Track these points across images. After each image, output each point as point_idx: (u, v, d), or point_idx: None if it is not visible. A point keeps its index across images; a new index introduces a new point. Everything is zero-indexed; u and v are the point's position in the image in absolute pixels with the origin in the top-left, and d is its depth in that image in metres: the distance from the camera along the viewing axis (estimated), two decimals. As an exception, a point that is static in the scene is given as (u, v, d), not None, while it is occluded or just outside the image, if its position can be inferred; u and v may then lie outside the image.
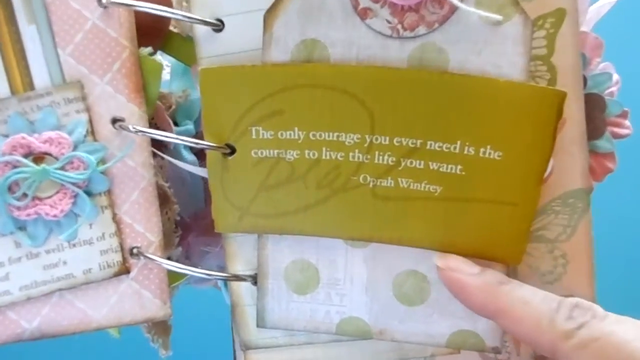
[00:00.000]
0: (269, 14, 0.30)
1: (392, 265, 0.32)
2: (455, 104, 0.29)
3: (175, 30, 0.35)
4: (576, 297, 0.30)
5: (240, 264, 0.34)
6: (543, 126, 0.29)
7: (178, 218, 0.35)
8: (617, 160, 0.36)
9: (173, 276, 0.35)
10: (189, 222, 0.38)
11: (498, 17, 0.29)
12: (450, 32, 0.30)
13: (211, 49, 0.31)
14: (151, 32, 0.33)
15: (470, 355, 0.34)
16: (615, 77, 0.35)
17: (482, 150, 0.30)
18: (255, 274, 0.33)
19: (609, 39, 0.34)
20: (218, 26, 0.31)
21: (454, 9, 0.29)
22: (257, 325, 0.33)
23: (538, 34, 0.30)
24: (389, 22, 0.30)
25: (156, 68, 0.32)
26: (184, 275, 0.35)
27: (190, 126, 0.37)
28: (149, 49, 0.33)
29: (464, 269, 0.31)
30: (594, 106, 0.33)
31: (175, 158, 0.36)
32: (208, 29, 0.31)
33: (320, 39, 0.30)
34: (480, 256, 0.31)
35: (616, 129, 0.35)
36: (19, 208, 0.31)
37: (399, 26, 0.30)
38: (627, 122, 0.35)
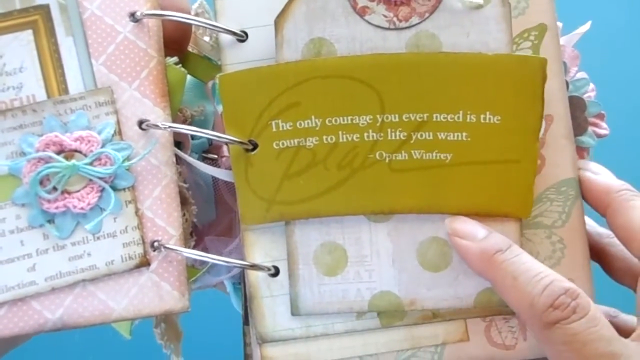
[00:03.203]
0: (279, 19, 0.34)
1: (414, 235, 0.34)
2: (452, 78, 0.33)
3: (193, 51, 0.38)
4: (575, 280, 0.32)
5: (259, 256, 0.35)
6: (532, 88, 0.33)
7: (195, 220, 0.37)
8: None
9: (190, 272, 0.36)
10: (202, 230, 0.40)
11: (479, 1, 0.34)
12: (440, 19, 0.34)
13: (235, 57, 0.35)
14: (176, 45, 0.36)
15: (479, 343, 0.35)
16: (591, 84, 0.40)
17: (482, 116, 0.33)
18: (273, 265, 0.35)
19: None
20: (242, 37, 0.35)
21: (440, -1, 0.34)
22: (292, 314, 0.35)
23: (524, 44, 0.35)
24: (385, 16, 0.34)
25: (180, 77, 0.35)
26: (199, 270, 0.37)
27: (204, 140, 0.39)
28: (175, 59, 0.36)
29: (468, 234, 0.33)
30: (576, 107, 0.37)
31: (191, 168, 0.38)
32: (233, 38, 0.35)
33: (326, 37, 0.34)
34: (493, 214, 0.34)
35: (596, 129, 0.39)
36: (49, 201, 0.33)
37: (395, 19, 0.34)
38: (604, 124, 0.39)
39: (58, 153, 0.33)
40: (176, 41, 0.36)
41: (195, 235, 0.37)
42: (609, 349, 0.29)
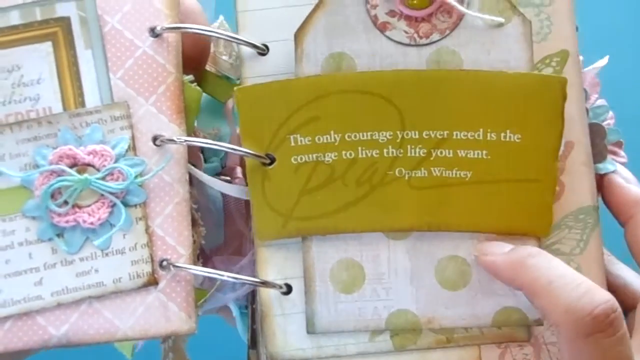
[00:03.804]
0: (299, 33, 0.34)
1: (432, 253, 0.34)
2: (473, 96, 0.33)
3: (211, 70, 0.38)
4: None
5: (271, 273, 0.35)
6: (552, 108, 0.33)
7: (202, 242, 0.36)
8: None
9: (198, 294, 0.36)
10: (210, 254, 0.39)
11: (500, 19, 0.34)
12: (460, 36, 0.34)
13: (255, 71, 0.34)
14: (194, 63, 0.35)
15: None
16: (611, 112, 0.40)
17: (502, 134, 0.33)
18: (286, 283, 0.34)
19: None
20: (263, 50, 0.34)
21: (461, 16, 0.34)
22: (308, 332, 0.34)
23: (546, 70, 0.35)
24: (406, 32, 0.34)
25: (196, 96, 0.35)
26: (207, 292, 0.36)
27: (217, 163, 0.38)
28: (191, 77, 0.35)
29: (494, 251, 0.33)
30: (596, 134, 0.36)
31: (202, 192, 0.38)
32: (254, 52, 0.34)
33: (346, 51, 0.34)
34: (512, 232, 0.33)
35: (614, 157, 0.38)
36: (59, 215, 0.32)
37: (415, 35, 0.34)
38: (622, 152, 0.39)
39: (71, 166, 0.33)
40: (194, 59, 0.35)
41: (202, 259, 0.37)
42: None
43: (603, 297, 0.29)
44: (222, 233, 0.40)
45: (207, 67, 0.38)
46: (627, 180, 0.35)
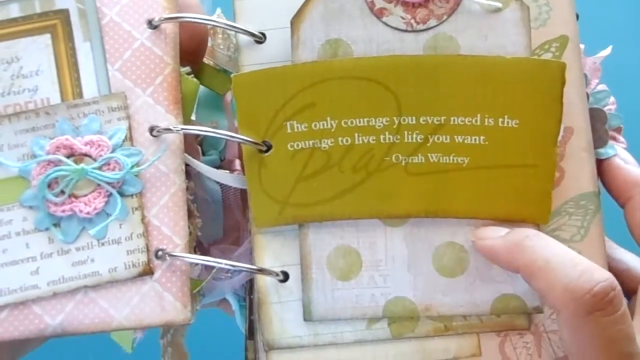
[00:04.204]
0: (295, 19, 0.34)
1: (430, 240, 0.34)
2: (470, 81, 0.33)
3: (209, 62, 0.38)
4: None
5: (268, 260, 0.35)
6: (551, 93, 0.33)
7: (199, 234, 0.36)
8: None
9: (194, 283, 0.36)
10: (207, 247, 0.39)
11: (498, 4, 0.33)
12: (458, 22, 0.34)
13: (253, 58, 0.35)
14: (191, 56, 0.36)
15: (493, 358, 0.34)
16: (612, 97, 0.39)
17: (500, 120, 0.33)
18: (282, 271, 0.34)
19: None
20: (260, 38, 0.34)
21: (458, 2, 0.34)
22: (304, 319, 0.34)
23: (545, 55, 0.34)
24: (403, 18, 0.34)
25: (193, 88, 0.35)
26: (203, 281, 0.36)
27: (215, 156, 0.39)
28: (187, 69, 0.35)
29: (491, 235, 0.33)
30: (597, 119, 0.36)
31: (201, 185, 0.38)
32: (251, 40, 0.34)
33: (343, 38, 0.34)
34: (510, 219, 0.33)
35: (613, 142, 0.38)
36: (55, 204, 0.33)
37: (412, 21, 0.34)
38: (621, 137, 0.39)
39: (68, 156, 0.33)
40: (191, 52, 0.35)
41: (200, 251, 0.37)
42: (629, 350, 0.28)
43: (602, 276, 0.28)
44: (221, 226, 0.40)
45: (205, 60, 0.38)
46: (626, 162, 0.35)
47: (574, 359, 0.29)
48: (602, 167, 0.36)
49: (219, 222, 0.40)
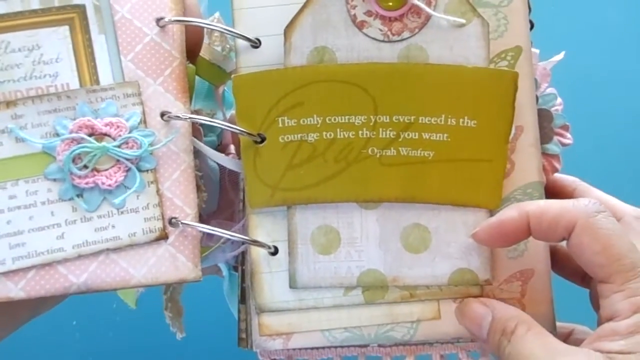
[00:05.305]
0: (288, 29, 0.39)
1: (399, 221, 0.39)
2: (437, 86, 0.38)
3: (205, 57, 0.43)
4: (536, 271, 0.38)
5: (261, 236, 0.40)
6: (505, 98, 0.38)
7: (204, 206, 0.41)
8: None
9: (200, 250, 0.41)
10: (206, 219, 0.44)
11: (462, 20, 0.39)
12: (427, 34, 0.39)
13: (249, 61, 0.39)
14: (189, 50, 0.40)
15: (450, 321, 0.40)
16: (559, 99, 0.45)
17: (461, 120, 0.38)
18: (273, 245, 0.40)
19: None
20: (256, 44, 0.39)
21: (428, 17, 0.39)
22: (290, 287, 0.39)
23: (502, 63, 0.40)
24: (380, 30, 0.39)
25: (190, 72, 0.40)
26: (208, 248, 0.41)
27: (213, 138, 0.44)
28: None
29: (486, 221, 0.38)
30: (544, 118, 0.42)
31: (203, 163, 0.43)
32: (247, 44, 0.39)
33: (328, 45, 0.39)
34: (467, 204, 0.39)
35: (561, 139, 0.44)
36: (79, 177, 0.37)
37: (389, 32, 0.39)
38: (568, 134, 0.44)
39: (89, 135, 0.37)
40: (190, 48, 0.40)
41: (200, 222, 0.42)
42: None
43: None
44: (217, 201, 0.45)
45: (201, 54, 0.43)
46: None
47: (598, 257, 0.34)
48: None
49: (215, 196, 0.45)
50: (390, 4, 0.39)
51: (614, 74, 0.68)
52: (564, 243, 0.37)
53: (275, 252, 0.40)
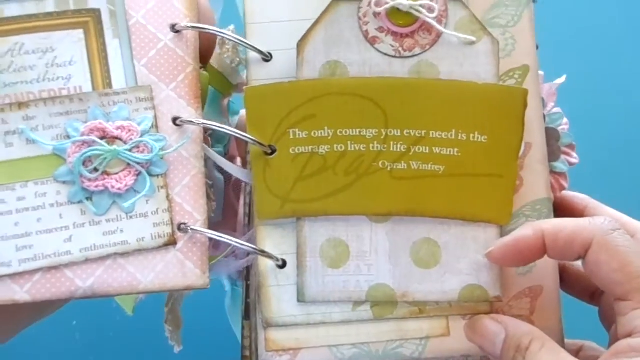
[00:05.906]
0: (301, 43, 0.39)
1: (409, 236, 0.39)
2: (447, 102, 0.39)
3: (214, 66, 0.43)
4: (544, 288, 0.38)
5: (269, 248, 0.39)
6: (515, 114, 0.39)
7: (212, 215, 0.41)
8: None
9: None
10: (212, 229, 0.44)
11: (472, 38, 0.39)
12: (438, 51, 0.39)
13: (260, 74, 0.40)
14: (200, 57, 0.40)
15: (459, 338, 0.39)
16: (565, 119, 0.46)
17: (472, 135, 0.39)
18: (281, 258, 0.39)
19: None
20: (267, 57, 0.40)
21: (439, 35, 0.39)
22: (298, 300, 0.39)
23: (509, 81, 0.40)
24: (392, 46, 0.40)
25: (203, 79, 0.40)
26: (214, 257, 0.41)
27: (220, 149, 0.44)
28: None
29: (500, 240, 0.38)
30: (552, 136, 0.42)
31: (210, 175, 0.43)
32: (259, 58, 0.40)
33: (341, 60, 0.39)
34: (477, 219, 0.39)
35: (568, 158, 0.44)
36: (89, 180, 0.37)
37: (400, 48, 0.40)
38: (574, 154, 0.45)
39: (101, 139, 0.37)
40: (200, 56, 0.40)
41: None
42: None
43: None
44: (221, 211, 0.45)
45: (211, 62, 0.43)
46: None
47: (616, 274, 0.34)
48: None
49: (220, 207, 0.45)
50: (402, 21, 0.39)
51: (619, 95, 0.69)
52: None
53: (283, 265, 0.39)
